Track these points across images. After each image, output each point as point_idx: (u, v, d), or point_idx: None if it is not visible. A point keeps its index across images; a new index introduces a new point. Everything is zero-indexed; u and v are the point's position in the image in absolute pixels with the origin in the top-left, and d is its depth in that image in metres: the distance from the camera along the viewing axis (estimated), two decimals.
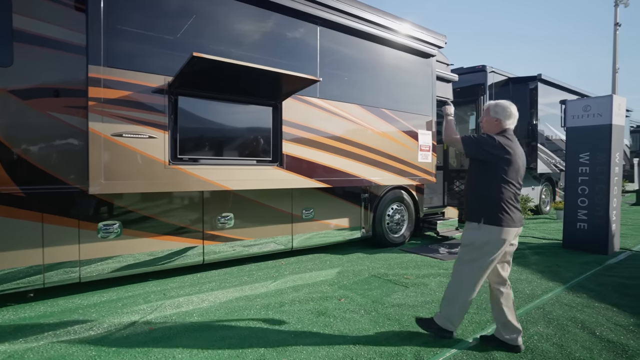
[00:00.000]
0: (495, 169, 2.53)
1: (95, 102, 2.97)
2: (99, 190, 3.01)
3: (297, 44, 4.41)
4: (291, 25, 4.27)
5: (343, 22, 4.64)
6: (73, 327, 3.00)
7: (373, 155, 5.07)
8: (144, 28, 3.34)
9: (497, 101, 2.72)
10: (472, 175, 2.71)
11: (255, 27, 4.09)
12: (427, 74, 5.84)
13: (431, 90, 5.89)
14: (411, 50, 5.57)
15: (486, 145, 2.53)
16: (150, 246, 3.88)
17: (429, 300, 3.58)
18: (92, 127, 2.95)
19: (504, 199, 2.51)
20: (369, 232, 5.81)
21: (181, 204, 4.06)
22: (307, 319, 3.19)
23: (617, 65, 22.88)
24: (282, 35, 4.30)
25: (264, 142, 4.08)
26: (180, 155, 3.46)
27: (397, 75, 5.50)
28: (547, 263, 4.89)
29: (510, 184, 2.52)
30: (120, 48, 3.15)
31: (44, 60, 3.28)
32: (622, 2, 22.65)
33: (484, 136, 2.58)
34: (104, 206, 3.64)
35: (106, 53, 3.04)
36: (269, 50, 4.18)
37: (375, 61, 5.23)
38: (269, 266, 4.81)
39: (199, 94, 3.55)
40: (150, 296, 3.73)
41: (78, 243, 3.51)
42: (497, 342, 2.65)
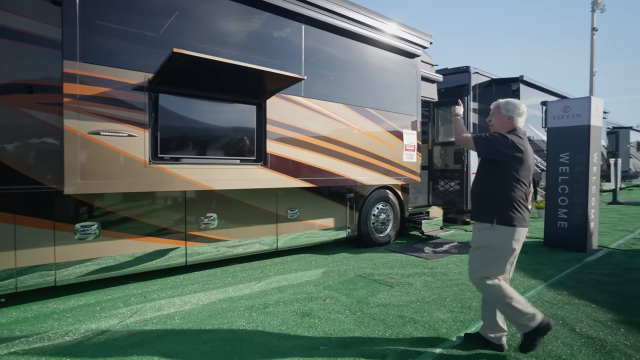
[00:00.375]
0: (506, 167, 2.48)
1: (70, 98, 2.85)
2: (74, 190, 2.90)
3: (282, 42, 4.36)
4: (275, 22, 4.22)
5: (328, 20, 4.61)
6: (47, 334, 2.88)
7: (358, 155, 5.06)
8: (123, 23, 3.23)
9: (506, 99, 2.68)
10: (482, 174, 2.65)
11: (238, 25, 4.01)
12: (412, 74, 5.86)
13: (416, 91, 5.92)
14: (396, 50, 5.58)
15: (498, 144, 2.48)
16: (130, 248, 3.77)
17: (414, 300, 3.58)
18: (67, 124, 2.83)
19: (516, 198, 2.47)
20: (354, 231, 5.80)
21: (163, 204, 3.95)
22: (292, 320, 3.14)
23: (594, 68, 23.61)
24: (266, 33, 4.24)
25: (248, 142, 4.01)
26: (162, 155, 3.36)
27: (382, 75, 5.51)
28: (529, 261, 4.97)
29: (522, 183, 2.48)
30: (97, 43, 3.04)
31: (16, 55, 3.14)
32: (598, 8, 23.42)
33: (496, 135, 2.52)
34: (81, 207, 3.52)
35: (82, 48, 2.92)
36: (252, 48, 4.11)
37: (361, 60, 5.22)
38: (253, 267, 4.74)
39: (180, 91, 3.47)
40: (130, 299, 3.62)
41: (54, 245, 3.38)
42: (481, 341, 2.65)
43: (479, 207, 2.64)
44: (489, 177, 2.58)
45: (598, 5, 23.67)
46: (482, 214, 2.58)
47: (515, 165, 2.47)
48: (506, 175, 2.48)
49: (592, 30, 23.97)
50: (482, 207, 2.60)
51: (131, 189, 3.21)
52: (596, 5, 23.61)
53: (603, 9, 24.02)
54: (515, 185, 2.47)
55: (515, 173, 2.47)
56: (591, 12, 24.21)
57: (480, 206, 2.61)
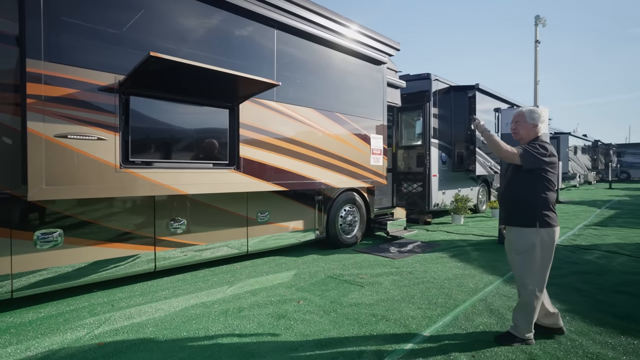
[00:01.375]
0: (543, 174, 2.66)
1: (34, 99, 2.69)
2: (39, 196, 2.74)
3: (255, 46, 4.36)
4: (248, 26, 4.22)
5: (300, 26, 4.68)
6: (5, 350, 2.70)
7: (328, 158, 5.18)
8: (92, 20, 3.09)
9: (529, 108, 2.83)
10: (518, 181, 2.76)
11: (212, 28, 3.98)
12: (378, 80, 6.08)
13: (382, 96, 6.15)
14: (365, 57, 5.77)
15: (543, 156, 2.63)
16: (95, 254, 3.61)
17: (384, 299, 3.74)
18: (31, 127, 2.67)
19: (552, 201, 2.67)
20: (323, 233, 5.91)
21: (130, 208, 3.82)
22: (268, 323, 3.18)
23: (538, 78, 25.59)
24: (239, 36, 4.23)
25: (221, 145, 3.98)
26: (132, 159, 3.26)
27: (350, 81, 5.67)
28: (486, 258, 5.34)
29: (554, 187, 2.70)
30: (64, 41, 2.89)
31: None
32: (540, 22, 25.47)
33: (538, 148, 2.66)
34: (42, 213, 3.32)
35: (47, 46, 2.77)
36: (225, 50, 4.09)
37: (330, 66, 5.35)
38: (223, 271, 4.70)
39: (152, 94, 3.38)
40: (96, 308, 3.47)
41: (10, 255, 3.17)
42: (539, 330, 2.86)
43: (517, 212, 2.76)
44: (527, 184, 2.71)
45: (540, 20, 25.76)
46: (524, 218, 2.71)
47: (551, 171, 2.67)
48: (543, 181, 2.66)
49: (536, 42, 26.02)
50: (522, 212, 2.72)
51: (101, 194, 3.09)
52: (539, 20, 25.67)
53: (544, 23, 26.15)
54: (550, 189, 2.68)
55: (551, 178, 2.67)
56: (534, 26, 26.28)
57: (520, 211, 2.73)
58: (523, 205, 2.72)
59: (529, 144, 2.73)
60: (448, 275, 4.51)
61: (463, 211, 8.67)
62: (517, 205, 2.77)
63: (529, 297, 2.71)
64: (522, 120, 2.82)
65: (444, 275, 4.51)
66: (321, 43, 5.10)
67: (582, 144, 25.10)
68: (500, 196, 3.08)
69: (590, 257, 5.39)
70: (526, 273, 2.72)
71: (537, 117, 2.78)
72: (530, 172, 2.68)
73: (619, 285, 4.09)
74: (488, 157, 9.92)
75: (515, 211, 2.78)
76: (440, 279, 4.37)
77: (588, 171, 26.52)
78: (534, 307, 2.71)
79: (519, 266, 2.78)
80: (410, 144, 8.33)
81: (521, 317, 2.77)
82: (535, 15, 25.79)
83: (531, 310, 2.72)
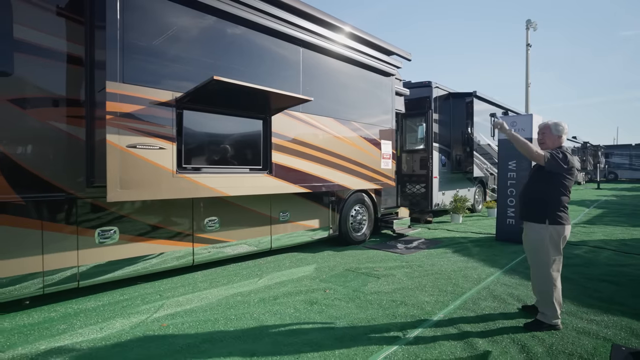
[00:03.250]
0: (562, 180, 3.07)
1: (112, 115, 3.15)
2: (116, 197, 3.19)
3: (284, 63, 4.86)
4: (279, 46, 4.72)
5: (321, 44, 5.19)
6: (83, 330, 3.15)
7: (344, 163, 5.68)
8: (154, 48, 3.57)
9: (554, 122, 3.27)
10: (539, 181, 3.18)
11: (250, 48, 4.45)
12: (388, 89, 6.61)
13: (392, 105, 6.68)
14: (377, 71, 6.30)
15: (565, 164, 3.04)
16: (144, 250, 4.06)
17: (400, 288, 4.24)
18: (109, 139, 3.13)
19: (564, 203, 3.09)
20: (335, 231, 6.40)
21: (174, 209, 4.28)
22: (302, 308, 3.66)
23: (529, 80, 26.38)
24: (271, 55, 4.72)
25: (256, 152, 4.46)
26: (185, 165, 3.72)
27: (364, 91, 6.19)
28: (486, 253, 5.88)
29: (568, 192, 3.12)
30: (134, 65, 3.35)
31: (44, 71, 3.37)
32: (531, 26, 26.30)
33: (559, 155, 3.05)
34: (101, 213, 3.77)
35: (122, 70, 3.23)
36: (258, 67, 4.56)
37: (347, 79, 5.86)
38: (250, 266, 5.16)
39: (200, 107, 3.85)
40: (147, 297, 3.92)
41: (77, 249, 3.61)
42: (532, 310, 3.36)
43: (531, 209, 3.17)
44: (544, 185, 3.13)
45: (531, 25, 26.59)
46: (536, 215, 3.12)
47: (569, 177, 3.10)
48: (559, 185, 3.08)
49: (527, 46, 26.82)
50: (535, 209, 3.13)
51: (161, 196, 3.54)
52: (530, 24, 26.51)
53: (535, 27, 26.99)
54: (564, 193, 3.11)
55: (567, 184, 3.10)
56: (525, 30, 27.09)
57: (534, 208, 3.14)
58: (537, 202, 3.16)
59: (556, 150, 3.12)
60: (453, 267, 5.04)
61: (462, 211, 9.23)
62: (532, 202, 3.22)
63: (545, 287, 3.12)
64: (548, 131, 3.29)
65: (450, 267, 5.04)
66: (339, 58, 5.61)
67: (571, 146, 25.98)
68: (520, 194, 3.52)
69: (579, 251, 5.96)
70: (539, 264, 3.16)
71: (561, 129, 3.26)
72: (550, 174, 3.09)
73: (603, 275, 4.65)
74: (484, 159, 10.50)
75: (530, 208, 3.23)
76: (447, 271, 4.89)
77: (577, 172, 27.41)
78: (552, 294, 3.07)
79: (533, 258, 3.25)
80: (413, 148, 8.87)
81: (545, 304, 3.12)
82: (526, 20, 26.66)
83: (550, 296, 3.08)
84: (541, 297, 3.21)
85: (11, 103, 3.21)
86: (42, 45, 3.36)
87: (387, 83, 6.58)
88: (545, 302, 3.16)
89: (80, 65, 3.57)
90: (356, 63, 5.89)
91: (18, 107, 3.25)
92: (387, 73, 6.44)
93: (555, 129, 3.28)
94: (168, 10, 3.68)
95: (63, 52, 3.48)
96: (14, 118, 3.23)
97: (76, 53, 3.54)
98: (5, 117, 3.19)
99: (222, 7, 4.00)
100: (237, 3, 4.12)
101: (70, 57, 3.51)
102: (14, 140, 3.24)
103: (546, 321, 3.13)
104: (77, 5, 3.54)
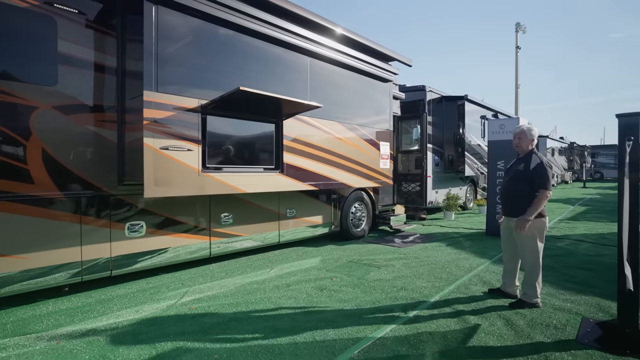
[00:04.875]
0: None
1: (148, 121, 3.54)
2: (151, 194, 3.58)
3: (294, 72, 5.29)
4: (291, 57, 5.15)
5: (327, 54, 5.64)
6: (120, 312, 3.54)
7: (347, 163, 6.12)
8: (184, 61, 3.99)
9: (527, 127, 3.76)
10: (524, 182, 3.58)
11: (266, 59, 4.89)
12: (387, 94, 7.09)
13: (390, 108, 7.15)
14: (377, 77, 6.76)
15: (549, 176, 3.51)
16: (167, 242, 4.46)
17: (399, 276, 4.69)
18: (146, 142, 3.52)
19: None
20: (337, 227, 6.84)
21: (193, 206, 4.68)
22: (314, 293, 4.09)
23: (519, 82, 27.15)
24: (283, 65, 5.14)
25: (269, 153, 4.88)
26: (208, 165, 4.13)
27: (365, 96, 6.65)
28: (477, 246, 6.37)
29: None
30: (166, 76, 3.75)
31: (82, 80, 3.76)
32: (520, 29, 27.08)
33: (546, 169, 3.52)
34: (130, 209, 4.15)
35: (157, 80, 3.63)
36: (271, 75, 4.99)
37: (350, 85, 6.31)
38: (259, 258, 5.58)
39: (221, 113, 4.26)
40: (170, 285, 4.31)
41: (110, 241, 4.00)
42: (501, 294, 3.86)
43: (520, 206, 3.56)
44: (529, 187, 3.55)
45: (520, 27, 27.37)
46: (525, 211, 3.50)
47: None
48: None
49: (516, 49, 27.59)
50: (524, 206, 3.52)
51: (189, 193, 3.94)
52: (519, 27, 27.29)
53: (524, 30, 27.79)
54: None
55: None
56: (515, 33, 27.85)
57: (523, 205, 3.54)
58: (523, 200, 3.58)
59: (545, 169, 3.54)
60: (447, 259, 5.51)
61: (454, 208, 9.74)
62: (519, 200, 3.63)
63: (530, 269, 3.60)
64: (524, 136, 3.77)
65: (444, 259, 5.51)
66: (342, 67, 6.07)
67: (559, 146, 26.79)
68: (503, 192, 3.93)
69: (561, 244, 6.49)
70: (526, 251, 3.62)
71: (534, 133, 3.77)
72: (532, 176, 3.54)
73: (581, 264, 5.17)
74: (475, 159, 11.03)
75: (518, 205, 3.64)
76: (441, 261, 5.36)
77: (565, 171, 28.27)
78: (536, 276, 3.55)
79: (521, 246, 3.68)
80: (408, 148, 9.35)
81: (528, 286, 3.60)
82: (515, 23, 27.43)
83: (534, 278, 3.55)
84: (525, 279, 3.68)
85: (55, 110, 3.59)
86: (80, 58, 3.74)
87: (386, 88, 7.04)
88: (528, 284, 3.63)
89: (112, 75, 3.95)
90: (358, 70, 6.33)
91: (61, 113, 3.63)
92: (385, 79, 6.90)
93: (529, 134, 3.76)
94: (195, 27, 4.09)
95: (98, 63, 3.86)
96: (57, 123, 3.62)
97: (109, 64, 3.93)
98: (50, 122, 3.57)
99: (239, 22, 4.41)
100: (251, 17, 4.52)
101: (103, 68, 3.90)
102: (57, 142, 3.62)
103: (528, 300, 3.60)
104: (110, 21, 3.93)
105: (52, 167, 3.58)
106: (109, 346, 2.90)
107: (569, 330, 3.09)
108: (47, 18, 3.52)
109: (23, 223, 3.43)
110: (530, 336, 3.00)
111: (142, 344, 2.92)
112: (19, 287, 3.46)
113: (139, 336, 3.06)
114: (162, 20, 3.69)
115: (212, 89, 4.11)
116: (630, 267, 2.69)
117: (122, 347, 2.89)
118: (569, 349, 2.79)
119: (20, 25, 3.39)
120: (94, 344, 2.93)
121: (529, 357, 2.68)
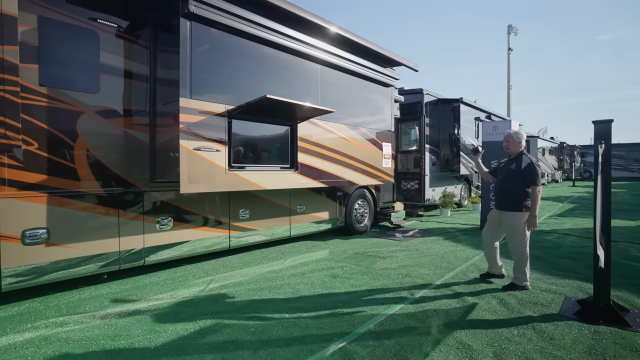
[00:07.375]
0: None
1: (184, 125, 3.96)
2: (187, 190, 4.01)
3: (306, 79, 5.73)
4: (304, 65, 5.60)
5: (336, 62, 6.10)
6: (157, 296, 3.96)
7: (353, 162, 6.59)
8: (214, 70, 4.41)
9: (515, 131, 4.19)
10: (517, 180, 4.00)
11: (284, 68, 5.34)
12: (389, 98, 7.57)
13: (391, 111, 7.63)
14: (381, 83, 7.24)
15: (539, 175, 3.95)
16: (193, 235, 4.88)
17: (403, 265, 5.16)
18: (182, 143, 3.93)
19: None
20: (342, 222, 7.29)
21: (215, 201, 5.10)
22: (328, 280, 4.53)
23: (511, 83, 27.84)
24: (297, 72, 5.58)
25: (285, 153, 5.33)
26: (233, 164, 4.56)
27: (369, 100, 7.12)
28: (472, 240, 6.88)
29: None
30: (199, 84, 4.17)
31: (119, 87, 4.16)
32: (512, 31, 27.75)
33: (535, 168, 3.94)
34: (160, 204, 4.57)
35: (191, 88, 4.05)
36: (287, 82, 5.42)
37: (356, 90, 6.77)
38: (272, 251, 6.01)
39: (245, 117, 4.70)
40: (196, 274, 4.73)
41: (143, 233, 4.41)
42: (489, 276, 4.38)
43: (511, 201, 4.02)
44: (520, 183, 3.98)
45: (512, 29, 28.05)
46: (515, 205, 3.98)
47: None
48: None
49: (508, 50, 28.27)
50: (514, 201, 3.98)
51: (217, 189, 4.37)
52: (511, 29, 27.96)
53: (516, 32, 28.48)
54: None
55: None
56: (507, 34, 28.54)
57: (513, 200, 4.00)
58: (515, 196, 4.04)
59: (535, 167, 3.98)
60: (445, 250, 6.00)
61: (450, 205, 10.26)
62: (511, 196, 4.09)
63: (520, 257, 4.07)
64: (511, 139, 4.22)
65: (443, 250, 6.00)
66: (349, 73, 6.53)
67: (549, 146, 27.54)
68: (497, 188, 4.38)
69: (550, 237, 7.02)
70: (517, 241, 4.07)
71: (521, 136, 4.22)
72: (524, 175, 4.01)
73: (566, 254, 5.69)
74: (469, 158, 11.56)
75: (511, 200, 4.09)
76: (440, 253, 5.84)
77: (555, 170, 29.06)
78: (525, 262, 4.04)
79: (511, 237, 4.13)
80: (407, 148, 9.84)
81: (519, 271, 4.07)
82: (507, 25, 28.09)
83: (524, 264, 4.02)
84: (516, 265, 4.16)
85: (97, 114, 4.00)
86: (118, 67, 4.15)
87: (388, 92, 7.53)
88: (519, 269, 4.12)
89: (144, 82, 4.36)
90: (363, 77, 6.80)
91: (102, 117, 4.03)
92: (388, 84, 7.38)
93: (517, 137, 4.22)
94: (222, 40, 4.51)
95: (133, 71, 4.27)
96: (99, 126, 4.02)
97: (142, 72, 4.34)
98: (92, 125, 3.97)
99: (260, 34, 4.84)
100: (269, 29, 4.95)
101: (137, 76, 4.31)
102: (99, 143, 4.03)
103: (518, 283, 4.09)
104: (141, 34, 4.33)
105: (95, 166, 3.99)
106: (156, 323, 3.32)
107: (553, 307, 3.58)
108: (91, 32, 3.92)
109: (72, 216, 3.83)
110: (520, 312, 3.49)
111: (184, 321, 3.34)
112: (69, 273, 3.87)
113: (179, 315, 3.49)
114: (195, 34, 4.11)
115: (236, 96, 4.54)
116: (602, 249, 3.18)
117: (168, 323, 3.31)
118: (553, 320, 3.28)
119: (70, 38, 3.78)
120: (142, 321, 3.35)
121: (519, 327, 3.16)
